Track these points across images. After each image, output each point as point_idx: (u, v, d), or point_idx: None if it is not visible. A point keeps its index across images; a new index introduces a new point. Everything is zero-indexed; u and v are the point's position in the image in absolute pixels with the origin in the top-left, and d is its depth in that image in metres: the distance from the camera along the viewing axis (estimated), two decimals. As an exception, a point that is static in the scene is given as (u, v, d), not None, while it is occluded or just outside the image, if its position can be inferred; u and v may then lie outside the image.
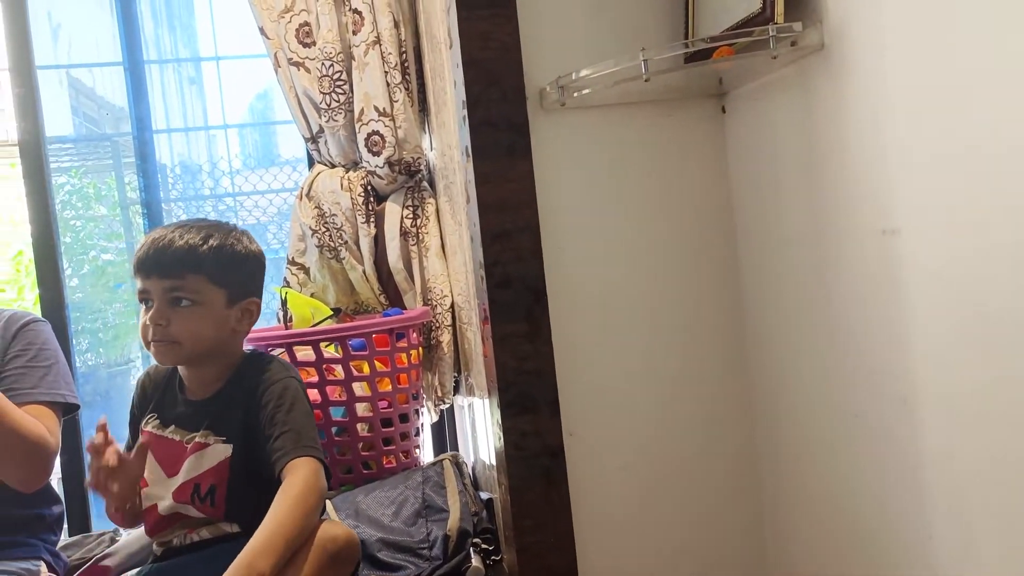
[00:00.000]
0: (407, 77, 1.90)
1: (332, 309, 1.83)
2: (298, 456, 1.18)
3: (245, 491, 1.25)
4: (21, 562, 1.39)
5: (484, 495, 1.67)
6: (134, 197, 2.09)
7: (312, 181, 1.97)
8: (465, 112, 1.34)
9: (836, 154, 1.18)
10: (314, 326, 1.76)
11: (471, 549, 1.52)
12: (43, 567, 1.43)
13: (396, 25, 1.89)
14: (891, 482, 1.16)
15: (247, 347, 1.43)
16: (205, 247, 1.26)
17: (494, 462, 1.59)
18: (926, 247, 1.03)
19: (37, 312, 1.85)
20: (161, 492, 1.29)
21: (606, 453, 1.43)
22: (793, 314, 1.34)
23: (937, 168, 1.00)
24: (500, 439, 1.36)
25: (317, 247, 1.95)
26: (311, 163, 2.04)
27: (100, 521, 1.95)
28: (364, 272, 1.94)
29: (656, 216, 1.44)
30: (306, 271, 1.99)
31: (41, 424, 1.37)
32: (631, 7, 1.41)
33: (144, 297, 1.28)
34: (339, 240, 1.94)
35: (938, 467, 1.06)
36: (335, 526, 1.18)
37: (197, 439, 1.28)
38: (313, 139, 1.98)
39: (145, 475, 1.31)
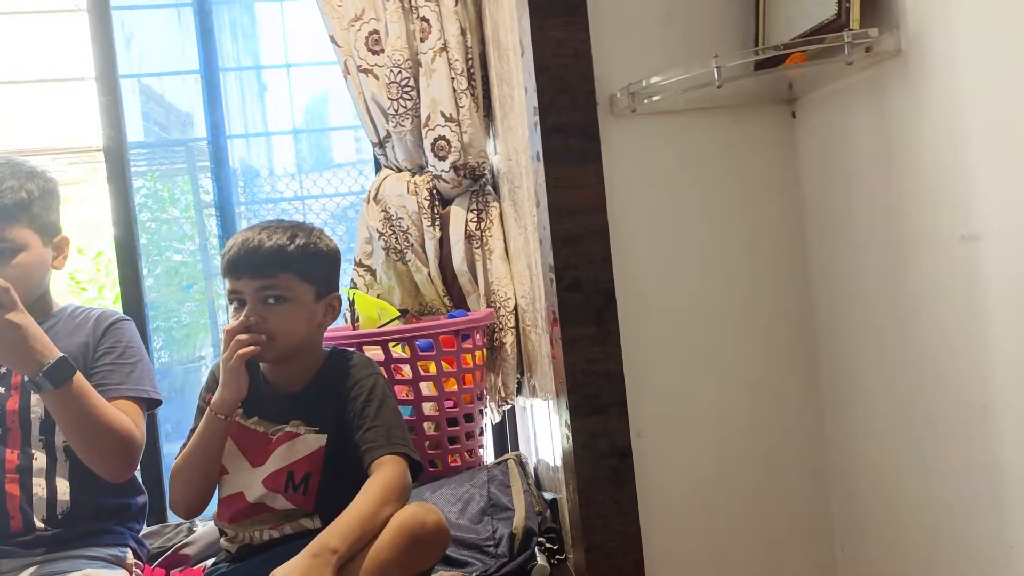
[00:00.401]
0: (473, 83, 1.94)
1: (399, 310, 1.88)
2: (388, 452, 1.22)
3: (336, 482, 1.30)
4: (110, 548, 1.46)
5: (547, 495, 1.69)
6: (207, 200, 2.16)
7: (379, 185, 2.02)
8: (537, 118, 1.37)
9: (912, 159, 1.17)
10: (382, 327, 1.81)
11: (536, 548, 1.55)
12: (130, 553, 1.49)
13: (463, 32, 1.93)
14: (968, 489, 1.15)
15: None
16: (292, 246, 1.31)
17: (559, 463, 1.61)
18: (1008, 253, 1.02)
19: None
20: (247, 480, 1.33)
21: (674, 454, 1.45)
22: (864, 319, 1.33)
23: (1020, 174, 0.99)
24: (568, 439, 1.38)
25: (384, 249, 2.00)
26: (377, 168, 2.09)
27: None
28: (429, 274, 1.98)
29: (725, 221, 1.44)
30: (372, 273, 2.04)
31: (128, 418, 1.44)
32: (701, 14, 1.42)
33: (235, 297, 1.33)
34: (405, 243, 1.99)
35: (1018, 475, 1.05)
36: (428, 512, 1.20)
37: (287, 429, 1.33)
38: (380, 144, 2.03)
39: (225, 461, 1.36)
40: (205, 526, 1.72)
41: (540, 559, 1.52)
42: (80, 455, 1.40)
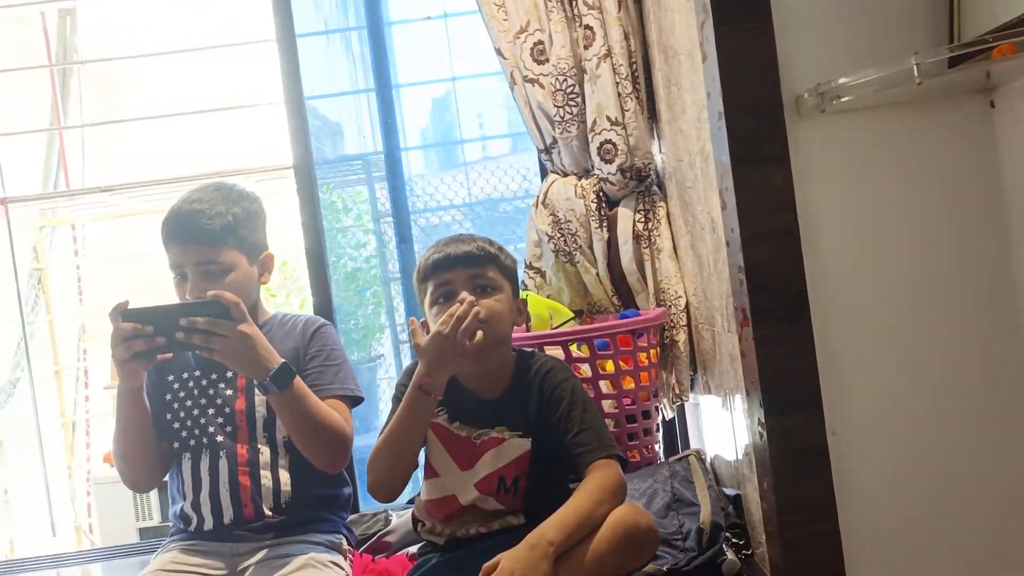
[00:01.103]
0: (637, 86, 1.98)
1: (573, 311, 1.94)
2: (603, 456, 1.29)
3: (540, 482, 1.37)
4: (327, 535, 1.59)
5: (727, 490, 1.71)
6: (383, 209, 2.30)
7: (547, 190, 2.09)
8: (722, 122, 1.39)
9: None
10: (557, 327, 1.88)
11: (723, 543, 1.58)
12: (344, 539, 1.63)
13: (626, 37, 1.97)
14: None
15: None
16: (492, 248, 1.43)
17: (741, 458, 1.64)
18: None
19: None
20: (459, 484, 1.41)
21: (869, 451, 1.44)
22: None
23: None
24: (762, 437, 1.40)
25: (553, 252, 2.07)
26: (543, 173, 2.17)
27: (365, 503, 2.16)
28: (598, 274, 2.04)
29: (920, 214, 1.42)
30: (542, 274, 2.11)
31: (339, 415, 1.57)
32: (888, 12, 1.40)
33: (445, 290, 1.40)
34: (573, 244, 2.05)
35: None
36: (642, 515, 1.27)
37: (493, 435, 1.40)
38: (547, 150, 2.10)
39: (435, 464, 1.45)
40: (401, 516, 1.85)
41: (729, 554, 1.55)
42: (301, 449, 1.53)
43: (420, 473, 1.51)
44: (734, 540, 1.62)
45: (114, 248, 2.94)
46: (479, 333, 1.32)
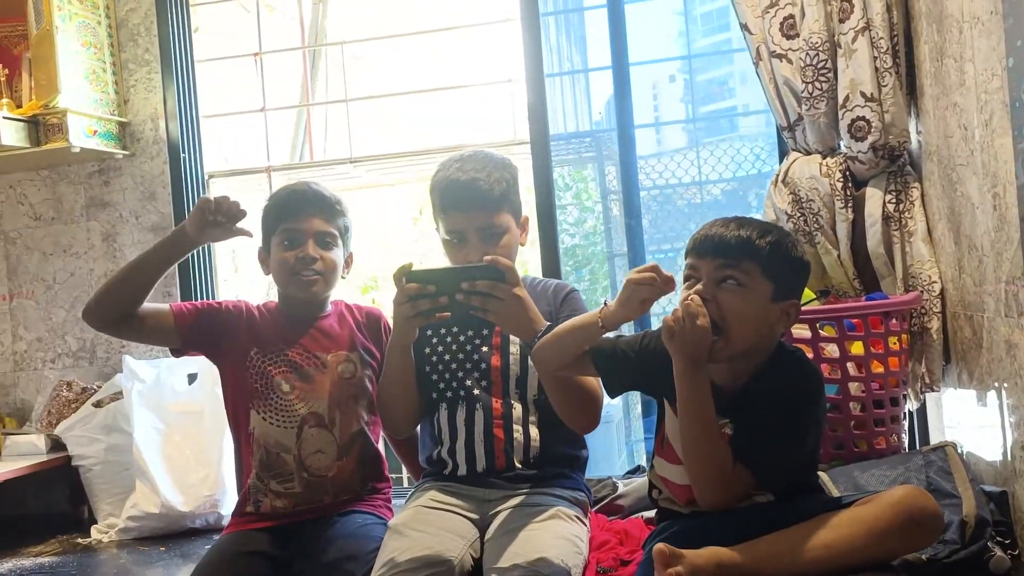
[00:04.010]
0: (897, 61, 1.90)
1: (818, 291, 1.89)
2: None
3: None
4: (570, 491, 1.64)
5: (986, 487, 1.62)
6: (612, 187, 2.34)
7: (788, 168, 2.05)
8: (1026, 92, 1.31)
9: None
10: (803, 306, 1.84)
11: (988, 539, 1.50)
12: (585, 497, 1.68)
13: (888, 9, 1.89)
14: None
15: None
16: (762, 241, 1.29)
17: (1012, 454, 1.54)
18: None
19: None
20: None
21: None
22: None
23: None
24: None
25: (792, 231, 2.03)
26: (783, 151, 2.13)
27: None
28: (839, 256, 1.98)
29: None
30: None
31: (593, 379, 1.62)
32: None
33: (691, 275, 1.33)
34: (815, 225, 2.00)
35: None
36: (928, 499, 1.23)
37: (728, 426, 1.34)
38: (790, 127, 2.06)
39: (678, 451, 1.36)
40: (632, 482, 1.89)
41: (998, 551, 1.47)
42: (558, 410, 1.59)
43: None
44: (998, 538, 1.52)
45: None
46: (699, 329, 1.24)
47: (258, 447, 1.71)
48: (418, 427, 1.74)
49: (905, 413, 1.84)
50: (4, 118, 2.38)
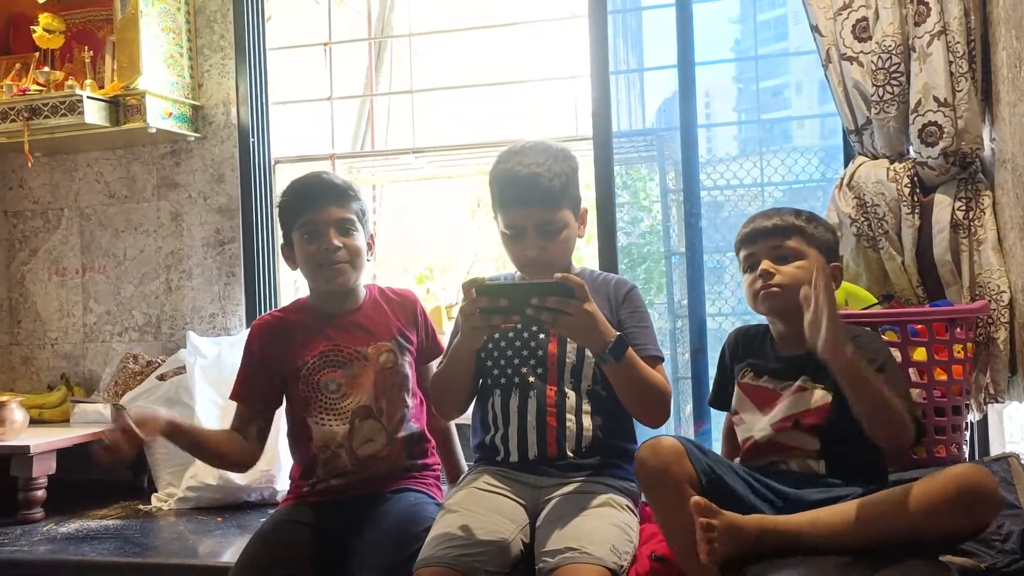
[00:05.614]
0: (973, 66, 1.87)
1: (881, 296, 1.87)
2: None
3: (842, 436, 1.41)
4: (622, 481, 1.65)
5: (1049, 503, 1.58)
6: (672, 186, 2.34)
7: (854, 172, 2.03)
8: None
9: None
10: (864, 309, 1.82)
11: (1050, 553, 1.47)
12: (635, 488, 1.69)
13: (966, 13, 1.86)
14: None
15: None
16: (798, 218, 1.53)
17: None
18: None
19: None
20: (758, 425, 1.52)
21: None
22: None
23: None
24: None
25: (855, 236, 2.01)
26: (848, 155, 2.11)
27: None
28: (903, 263, 1.95)
29: None
30: (840, 259, 2.05)
31: (660, 375, 1.63)
32: None
33: (751, 262, 1.55)
34: (879, 230, 1.97)
35: None
36: (987, 477, 1.25)
37: (799, 384, 1.48)
38: (857, 131, 2.04)
39: (741, 414, 1.57)
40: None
41: (1060, 565, 1.44)
42: (629, 408, 1.61)
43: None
44: (1061, 554, 1.49)
45: (406, 208, 3.23)
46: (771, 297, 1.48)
47: (316, 447, 1.76)
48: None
49: (967, 423, 1.81)
50: (88, 97, 2.48)
